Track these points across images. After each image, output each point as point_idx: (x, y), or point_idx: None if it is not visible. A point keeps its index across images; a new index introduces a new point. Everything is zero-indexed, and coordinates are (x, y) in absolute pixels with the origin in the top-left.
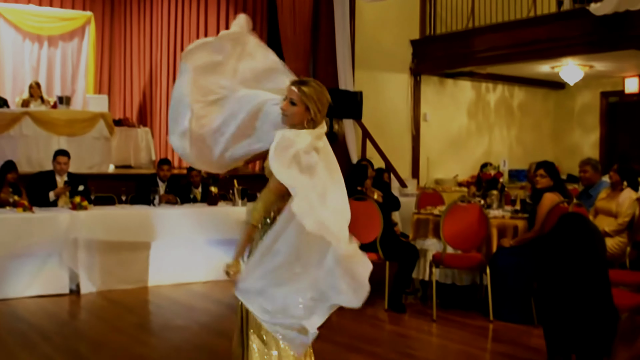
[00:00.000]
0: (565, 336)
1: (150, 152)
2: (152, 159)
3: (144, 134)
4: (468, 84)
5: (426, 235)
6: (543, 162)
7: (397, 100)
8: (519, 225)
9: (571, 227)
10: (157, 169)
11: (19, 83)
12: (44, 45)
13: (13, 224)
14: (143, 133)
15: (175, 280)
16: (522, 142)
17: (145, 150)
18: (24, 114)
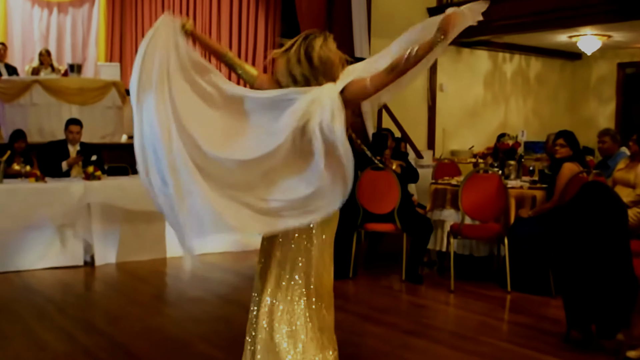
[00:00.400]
0: (584, 306)
1: None
2: None
3: None
4: (485, 54)
5: (444, 206)
6: (563, 132)
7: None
8: (538, 195)
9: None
10: None
11: (28, 51)
12: (54, 11)
13: (25, 194)
14: None
15: None
16: (538, 113)
17: None
18: (34, 82)
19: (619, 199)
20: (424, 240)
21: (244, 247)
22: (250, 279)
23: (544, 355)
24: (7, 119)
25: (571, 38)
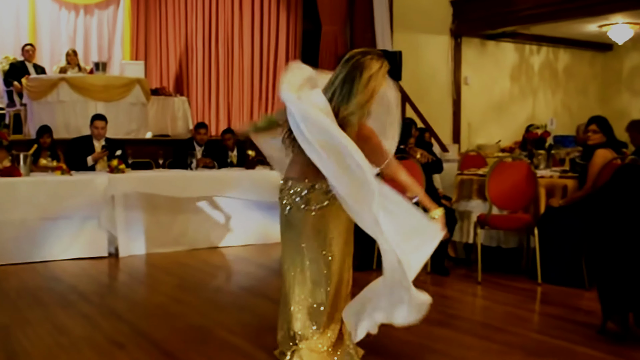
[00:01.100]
0: (621, 293)
1: (187, 121)
2: (189, 128)
3: (181, 103)
4: (511, 46)
5: (470, 197)
6: (596, 117)
7: (437, 63)
8: (569, 184)
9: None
10: (194, 133)
11: (56, 53)
12: (80, 14)
13: (51, 186)
14: (180, 102)
15: (214, 243)
16: (567, 107)
17: (182, 120)
18: (60, 80)
19: None
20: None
21: (266, 239)
22: (272, 270)
23: (578, 346)
24: (35, 116)
25: (601, 28)
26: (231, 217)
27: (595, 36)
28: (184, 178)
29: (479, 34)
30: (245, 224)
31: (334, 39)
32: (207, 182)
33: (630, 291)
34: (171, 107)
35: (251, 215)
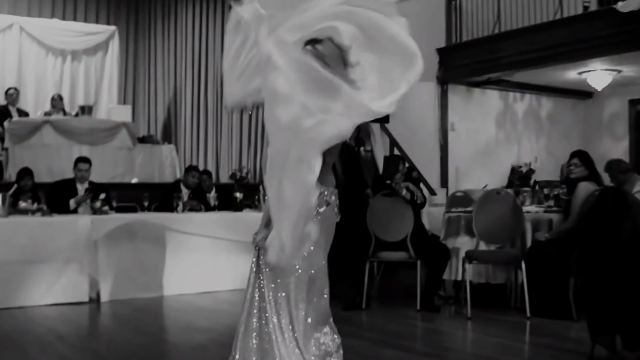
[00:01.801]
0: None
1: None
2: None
3: (169, 151)
4: (495, 93)
5: (458, 233)
6: (577, 151)
7: (424, 109)
8: (554, 219)
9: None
10: (185, 175)
11: (41, 97)
12: (67, 59)
13: (31, 228)
14: (168, 150)
15: (200, 288)
16: (551, 152)
17: (170, 168)
18: (44, 122)
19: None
20: (442, 266)
21: None
22: None
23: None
24: (17, 160)
25: (581, 75)
26: (218, 261)
27: (576, 83)
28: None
29: (464, 82)
30: (232, 267)
31: None
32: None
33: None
34: (159, 155)
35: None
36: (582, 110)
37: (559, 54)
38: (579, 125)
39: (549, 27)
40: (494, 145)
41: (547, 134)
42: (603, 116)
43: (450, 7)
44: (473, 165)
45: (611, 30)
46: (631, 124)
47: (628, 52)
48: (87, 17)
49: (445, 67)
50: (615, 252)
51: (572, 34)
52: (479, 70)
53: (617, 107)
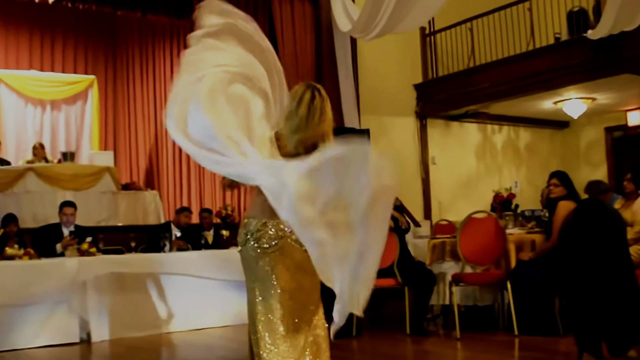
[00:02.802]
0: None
1: (159, 214)
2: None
3: (152, 196)
4: (474, 126)
5: (443, 258)
6: (556, 172)
7: (404, 143)
8: (537, 239)
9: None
10: (176, 216)
11: (22, 147)
12: (47, 109)
13: (19, 271)
14: (151, 196)
15: (190, 326)
16: (531, 182)
17: (154, 214)
18: (27, 170)
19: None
20: (428, 292)
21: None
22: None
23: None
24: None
25: (556, 104)
26: (207, 298)
27: (552, 113)
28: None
29: (443, 115)
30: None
31: None
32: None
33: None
34: (142, 201)
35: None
36: (559, 140)
37: (533, 83)
38: (557, 154)
39: (522, 58)
40: (475, 177)
41: (526, 164)
42: (580, 144)
43: (425, 43)
44: (455, 197)
45: (583, 58)
46: (608, 151)
47: (600, 79)
48: (65, 68)
49: (424, 102)
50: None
51: (545, 64)
52: (457, 104)
53: (594, 135)
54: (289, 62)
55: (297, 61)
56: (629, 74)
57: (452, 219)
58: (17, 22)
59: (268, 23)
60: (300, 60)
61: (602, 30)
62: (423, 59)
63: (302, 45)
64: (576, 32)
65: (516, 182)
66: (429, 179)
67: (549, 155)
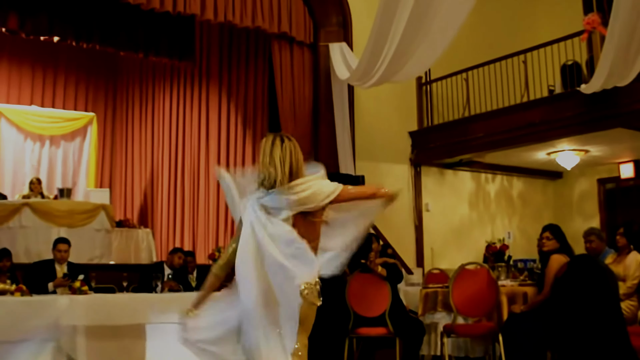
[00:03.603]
0: None
1: (151, 253)
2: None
3: (145, 235)
4: (467, 175)
5: (435, 309)
6: (548, 225)
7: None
8: (529, 292)
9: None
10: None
11: (19, 182)
12: (46, 144)
13: (9, 307)
14: (144, 234)
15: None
16: (524, 232)
17: (146, 251)
18: (23, 205)
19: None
20: (417, 342)
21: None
22: None
23: None
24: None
25: (550, 155)
26: None
27: (546, 164)
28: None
29: (437, 163)
30: None
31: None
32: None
33: None
34: (135, 239)
35: None
36: (552, 190)
37: (527, 134)
38: (550, 205)
39: (516, 109)
40: (468, 225)
41: (519, 213)
42: (573, 196)
43: (421, 91)
44: (448, 244)
45: (576, 112)
46: (601, 203)
47: (593, 132)
48: (65, 104)
49: (418, 149)
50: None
51: (539, 116)
52: (451, 152)
53: (587, 187)
54: (287, 106)
55: (294, 106)
56: (622, 128)
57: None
58: (21, 58)
59: (268, 68)
60: (298, 105)
61: (594, 85)
62: (419, 107)
63: (300, 91)
64: (570, 86)
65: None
66: (422, 226)
67: (542, 206)
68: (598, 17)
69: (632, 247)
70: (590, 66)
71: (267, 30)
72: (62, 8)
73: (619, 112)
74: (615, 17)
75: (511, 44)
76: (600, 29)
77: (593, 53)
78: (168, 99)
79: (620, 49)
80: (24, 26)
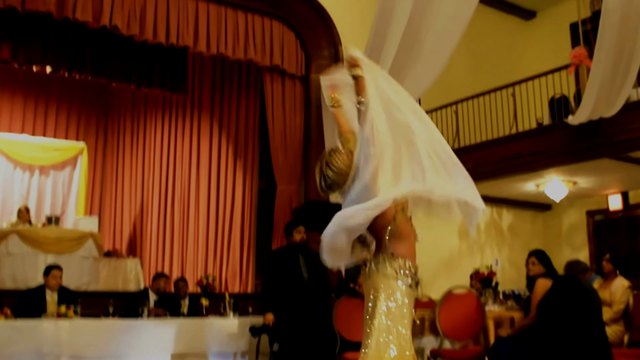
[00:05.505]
0: None
1: (139, 282)
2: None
3: (134, 264)
4: None
5: (422, 333)
6: (534, 251)
7: None
8: (515, 316)
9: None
10: (155, 282)
11: (7, 210)
12: (35, 173)
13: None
14: (132, 264)
15: None
16: (513, 263)
17: (134, 281)
18: (11, 232)
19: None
20: None
21: None
22: None
23: None
24: None
25: (539, 187)
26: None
27: (535, 196)
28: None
29: None
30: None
31: (289, 198)
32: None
33: None
34: (123, 269)
35: None
36: (541, 222)
37: (515, 165)
38: (540, 236)
39: (505, 141)
40: (457, 256)
41: (508, 244)
42: (562, 227)
43: None
44: (437, 275)
45: (563, 142)
46: (589, 235)
47: (581, 162)
48: (56, 133)
49: None
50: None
51: (527, 147)
52: None
53: (575, 219)
54: (278, 137)
55: (285, 137)
56: (609, 159)
57: (433, 297)
58: (12, 87)
59: (260, 100)
60: (289, 136)
61: (581, 116)
62: None
63: (292, 122)
64: (558, 118)
65: (497, 260)
66: None
67: (531, 237)
68: (585, 50)
69: (617, 272)
70: (578, 99)
71: (259, 63)
72: (55, 39)
73: (605, 142)
74: (599, 49)
75: (500, 77)
76: (587, 62)
77: (580, 86)
78: (159, 129)
79: (605, 80)
80: (17, 56)
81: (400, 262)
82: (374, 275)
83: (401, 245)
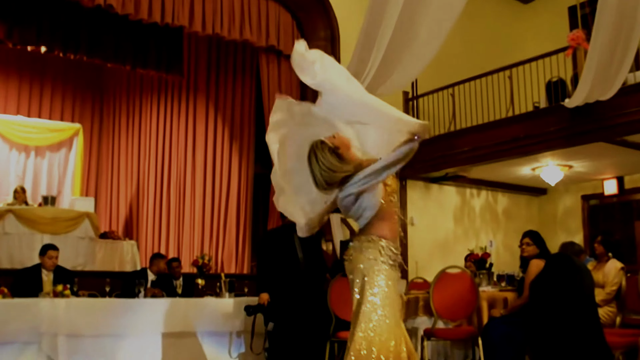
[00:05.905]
0: None
1: (135, 264)
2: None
3: (130, 246)
4: (453, 190)
5: (416, 314)
6: (528, 231)
7: None
8: (509, 297)
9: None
10: (150, 264)
11: (3, 191)
12: (31, 155)
13: None
14: (129, 246)
15: None
16: (508, 247)
17: (130, 263)
18: (7, 211)
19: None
20: None
21: None
22: None
23: None
24: None
25: (534, 170)
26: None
27: (530, 180)
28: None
29: (423, 177)
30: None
31: None
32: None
33: None
34: (119, 250)
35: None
36: (536, 206)
37: (511, 149)
38: (535, 221)
39: (501, 123)
40: (453, 240)
41: (503, 228)
42: (557, 212)
43: (408, 106)
44: (432, 258)
45: (559, 126)
46: (584, 219)
47: (576, 146)
48: (51, 115)
49: None
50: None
51: (523, 130)
52: (437, 166)
53: (571, 203)
54: None
55: None
56: (604, 142)
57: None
58: (7, 68)
59: (255, 81)
60: None
61: (577, 99)
62: None
63: None
64: (555, 101)
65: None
66: (407, 239)
67: (526, 221)
68: (583, 33)
69: (610, 254)
70: (575, 82)
71: (254, 43)
72: (50, 18)
73: (601, 126)
74: (597, 32)
75: (497, 60)
76: (585, 45)
77: (577, 69)
78: (155, 110)
79: (602, 63)
80: (11, 36)
81: (383, 243)
82: (358, 257)
83: (384, 226)
